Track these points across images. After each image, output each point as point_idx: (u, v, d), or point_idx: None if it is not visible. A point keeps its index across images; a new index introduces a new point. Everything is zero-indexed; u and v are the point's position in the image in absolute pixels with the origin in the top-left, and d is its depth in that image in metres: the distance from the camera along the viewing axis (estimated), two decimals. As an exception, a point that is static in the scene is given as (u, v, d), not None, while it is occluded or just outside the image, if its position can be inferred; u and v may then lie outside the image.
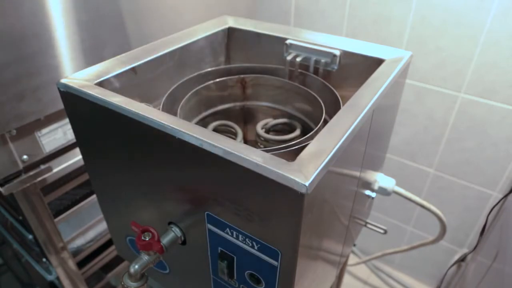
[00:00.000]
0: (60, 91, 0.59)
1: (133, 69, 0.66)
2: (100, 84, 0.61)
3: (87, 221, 1.07)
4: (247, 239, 0.49)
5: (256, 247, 0.49)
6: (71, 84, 0.58)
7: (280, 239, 0.46)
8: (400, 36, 1.24)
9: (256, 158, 0.43)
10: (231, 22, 0.82)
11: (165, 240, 0.58)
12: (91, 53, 0.88)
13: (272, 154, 0.44)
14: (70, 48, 0.85)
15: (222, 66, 0.76)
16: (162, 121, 0.48)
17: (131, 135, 0.54)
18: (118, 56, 0.67)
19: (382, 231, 0.88)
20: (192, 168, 0.49)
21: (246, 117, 0.80)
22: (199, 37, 0.76)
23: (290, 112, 0.76)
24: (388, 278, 1.55)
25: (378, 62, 0.67)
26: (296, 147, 0.55)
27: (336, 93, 0.67)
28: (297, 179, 0.40)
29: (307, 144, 0.53)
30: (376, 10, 1.24)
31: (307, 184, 0.39)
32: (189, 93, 0.69)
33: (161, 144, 0.51)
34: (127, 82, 0.66)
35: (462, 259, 1.31)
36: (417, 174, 1.41)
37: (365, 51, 0.69)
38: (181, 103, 0.67)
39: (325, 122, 0.65)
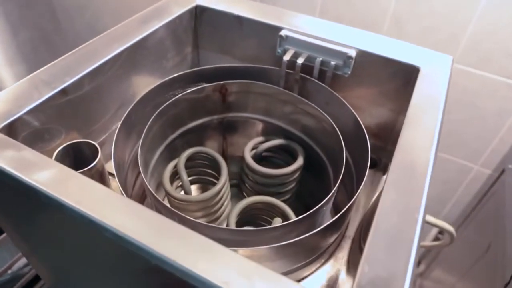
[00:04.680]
0: None
1: (63, 91, 0.43)
2: (9, 129, 0.39)
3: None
4: None
5: None
6: (-42, 140, 0.35)
7: None
8: (390, -6, 1.04)
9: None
10: (200, -2, 0.59)
11: None
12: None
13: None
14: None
15: (193, 69, 0.54)
16: (130, 236, 0.29)
17: (77, 234, 0.34)
18: (36, 73, 0.44)
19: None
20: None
21: (227, 132, 0.61)
22: (157, 26, 0.53)
23: (287, 128, 0.57)
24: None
25: (409, 70, 0.49)
26: (318, 229, 0.38)
27: (355, 114, 0.49)
28: None
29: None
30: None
31: None
32: (150, 120, 0.48)
33: (127, 260, 0.31)
34: (55, 112, 0.44)
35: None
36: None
37: (390, 53, 0.51)
38: (141, 138, 0.46)
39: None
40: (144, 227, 0.30)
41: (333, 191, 0.42)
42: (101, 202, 0.31)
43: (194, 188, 0.61)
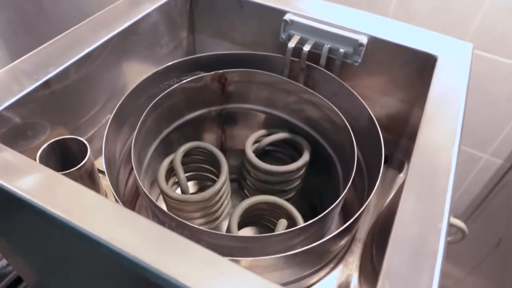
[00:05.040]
0: None
1: (46, 83, 0.41)
2: (-11, 127, 0.36)
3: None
4: None
5: None
6: None
7: None
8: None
9: None
10: (196, -23, 0.56)
11: None
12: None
13: None
14: None
15: (189, 57, 0.52)
16: (126, 251, 0.27)
17: (65, 246, 0.32)
18: (16, 63, 0.41)
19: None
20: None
21: (226, 124, 0.59)
22: (150, 9, 0.50)
23: (291, 121, 0.55)
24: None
25: (425, 59, 0.48)
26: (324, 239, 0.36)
27: (366, 106, 0.48)
28: None
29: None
30: None
31: None
32: (144, 113, 0.46)
33: (122, 275, 0.30)
34: (38, 106, 0.41)
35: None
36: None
37: (405, 40, 0.49)
38: (135, 134, 0.44)
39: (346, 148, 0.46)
40: (141, 240, 0.28)
41: (343, 193, 0.40)
42: (93, 212, 0.29)
43: (191, 184, 0.59)
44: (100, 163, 0.52)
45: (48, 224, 0.30)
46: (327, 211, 0.38)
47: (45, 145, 0.42)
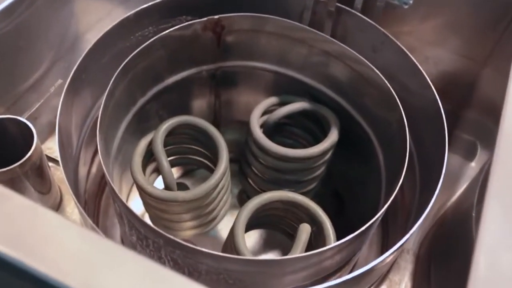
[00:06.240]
0: None
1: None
2: None
3: None
4: None
5: None
6: None
7: None
8: None
9: None
10: None
11: None
12: None
13: None
14: None
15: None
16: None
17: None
18: None
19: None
20: None
21: (222, 87, 0.59)
22: None
23: (313, 85, 0.54)
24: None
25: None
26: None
27: (419, 67, 0.47)
28: None
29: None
30: None
31: None
32: (112, 80, 0.44)
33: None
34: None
35: None
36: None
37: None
38: (100, 111, 0.42)
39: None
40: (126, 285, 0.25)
41: (393, 194, 0.38)
42: (53, 244, 0.27)
43: (175, 171, 0.58)
44: (50, 148, 0.51)
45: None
46: (373, 220, 0.37)
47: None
